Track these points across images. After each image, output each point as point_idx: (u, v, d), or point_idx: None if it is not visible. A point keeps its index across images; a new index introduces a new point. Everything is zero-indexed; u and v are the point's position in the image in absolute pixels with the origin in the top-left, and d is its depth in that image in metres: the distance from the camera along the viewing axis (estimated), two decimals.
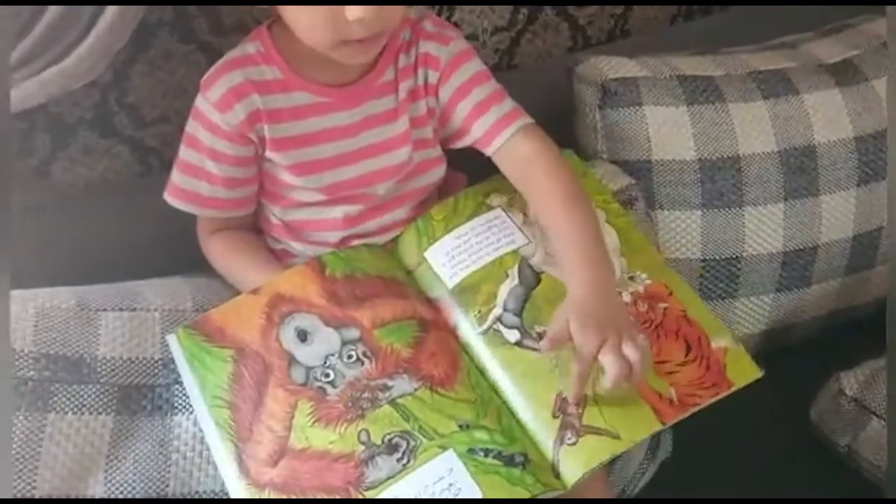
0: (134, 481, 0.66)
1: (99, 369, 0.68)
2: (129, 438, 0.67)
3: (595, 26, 1.20)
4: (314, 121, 0.77)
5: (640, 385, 0.69)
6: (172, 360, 0.70)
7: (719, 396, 0.70)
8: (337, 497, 0.64)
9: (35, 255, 0.82)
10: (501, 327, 0.73)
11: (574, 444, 0.67)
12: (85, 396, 0.66)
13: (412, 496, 0.63)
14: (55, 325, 0.69)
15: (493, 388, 0.71)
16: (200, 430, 0.68)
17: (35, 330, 0.68)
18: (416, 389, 0.69)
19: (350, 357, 0.70)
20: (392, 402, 0.68)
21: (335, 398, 0.68)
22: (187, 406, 0.69)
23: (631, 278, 0.76)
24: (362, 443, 0.66)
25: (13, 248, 0.67)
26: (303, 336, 0.71)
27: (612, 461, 0.81)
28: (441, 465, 0.65)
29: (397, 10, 0.73)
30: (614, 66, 0.93)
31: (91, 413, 0.66)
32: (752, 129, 0.91)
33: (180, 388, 0.69)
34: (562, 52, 1.19)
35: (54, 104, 0.87)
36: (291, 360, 0.70)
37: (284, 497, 0.64)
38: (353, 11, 0.68)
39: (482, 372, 0.72)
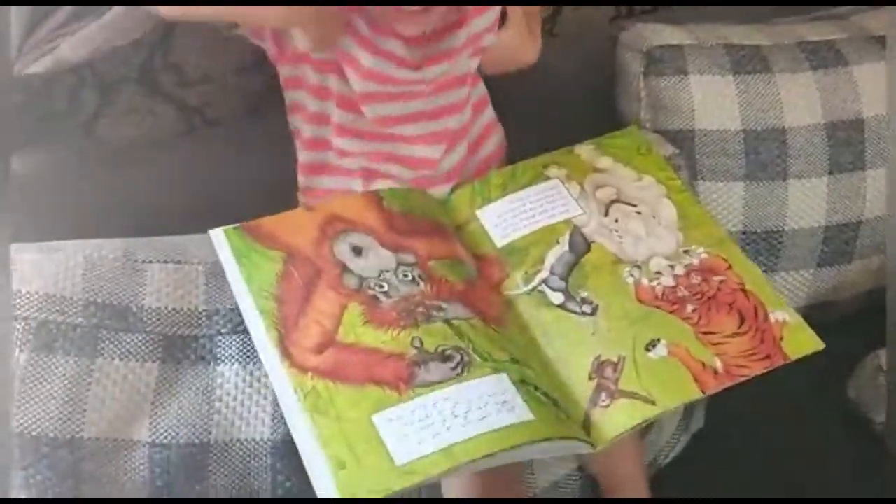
0: (178, 427, 0.67)
1: (145, 318, 0.69)
2: (173, 386, 0.68)
3: None
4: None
5: (682, 353, 0.69)
6: (217, 312, 0.71)
7: (772, 367, 0.70)
8: (386, 390, 0.63)
9: (82, 207, 0.83)
10: (546, 289, 0.74)
11: (607, 406, 0.67)
12: (131, 344, 0.68)
13: (464, 402, 0.62)
14: (103, 274, 0.70)
15: (534, 345, 0.72)
16: (243, 381, 0.69)
17: (84, 278, 0.69)
18: (470, 317, 0.69)
19: (405, 276, 0.70)
20: (447, 321, 0.68)
21: (388, 306, 0.68)
22: (230, 356, 0.70)
23: (686, 251, 0.76)
24: (415, 347, 0.66)
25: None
26: (357, 251, 0.71)
27: (646, 429, 0.82)
28: (496, 383, 0.64)
29: None
30: (660, 34, 0.92)
31: (137, 360, 0.68)
32: (799, 100, 0.90)
33: (223, 339, 0.71)
34: (605, 20, 1.17)
35: (100, 62, 0.88)
36: (344, 269, 0.69)
37: (330, 381, 0.63)
38: None
39: (523, 328, 0.72)
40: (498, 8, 0.83)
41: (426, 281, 0.70)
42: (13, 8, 0.74)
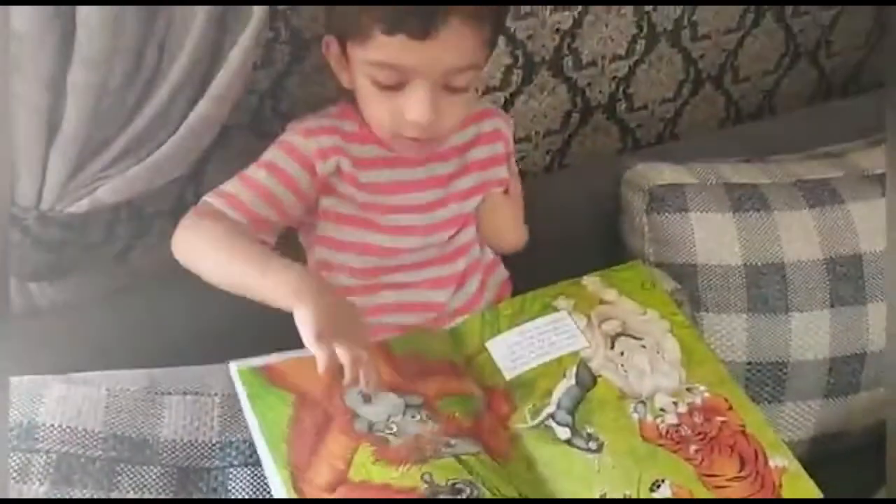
0: None
1: (161, 451, 0.72)
2: None
3: (644, 129, 1.25)
4: (386, 171, 0.84)
5: (686, 495, 0.70)
6: (230, 443, 0.73)
7: None
8: None
9: (112, 337, 0.87)
10: (553, 424, 0.75)
11: None
12: (147, 477, 0.70)
13: None
14: (124, 406, 0.73)
15: (539, 482, 0.72)
16: None
17: (106, 411, 0.72)
18: (478, 452, 0.70)
19: (414, 417, 0.72)
20: (456, 456, 0.69)
21: (398, 445, 0.69)
22: (242, 489, 0.72)
23: (689, 390, 0.77)
24: (426, 482, 0.67)
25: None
26: (367, 399, 0.73)
27: None
28: None
29: (453, 121, 0.80)
30: (661, 173, 0.97)
31: (151, 493, 0.69)
32: (798, 236, 0.93)
33: (235, 471, 0.72)
34: (612, 153, 1.23)
35: (136, 199, 0.95)
36: (354, 415, 0.71)
37: None
38: (411, 113, 0.76)
39: (530, 464, 0.73)
40: (501, 142, 0.89)
41: (435, 420, 0.72)
42: (58, 147, 0.79)
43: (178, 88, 0.80)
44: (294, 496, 0.66)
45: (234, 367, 0.74)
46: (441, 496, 0.65)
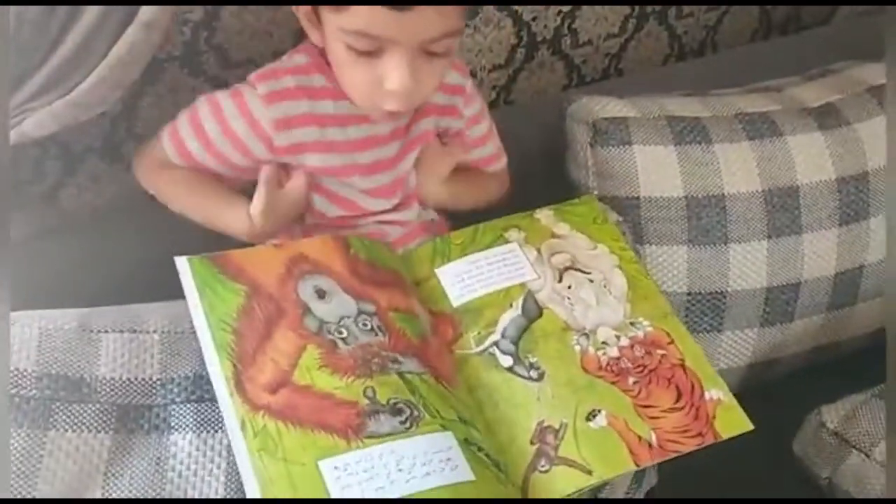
0: (130, 497, 0.67)
1: (98, 389, 0.70)
2: (126, 456, 0.68)
3: (589, 65, 1.25)
4: (353, 128, 0.82)
5: (621, 425, 0.71)
6: (171, 380, 0.72)
7: (703, 445, 0.72)
8: (335, 436, 0.64)
9: (42, 278, 0.84)
10: (497, 351, 0.76)
11: (546, 471, 0.69)
12: (84, 415, 0.68)
13: (410, 457, 0.64)
14: (57, 345, 0.71)
15: (480, 406, 0.73)
16: (197, 449, 0.70)
17: (38, 350, 0.70)
18: (422, 372, 0.70)
19: (365, 325, 0.72)
20: (400, 374, 0.69)
21: (346, 353, 0.69)
22: (184, 426, 0.71)
23: (632, 324, 0.78)
24: (367, 398, 0.67)
25: (13, 273, 0.70)
26: (321, 294, 0.72)
27: (600, 487, 0.84)
28: (442, 440, 0.66)
29: (431, 87, 0.78)
30: (605, 106, 0.96)
31: (90, 431, 0.68)
32: (738, 168, 0.94)
33: (177, 408, 0.71)
34: (557, 89, 1.23)
35: (64, 133, 0.91)
36: (306, 310, 0.71)
37: (281, 422, 0.64)
38: (390, 82, 0.73)
39: (472, 389, 0.74)
40: (460, 96, 0.88)
41: (384, 332, 0.72)
42: None
43: (104, 15, 0.76)
44: (234, 394, 0.66)
45: (182, 259, 0.73)
46: (381, 414, 0.66)
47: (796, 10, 1.41)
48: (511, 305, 0.78)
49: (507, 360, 0.75)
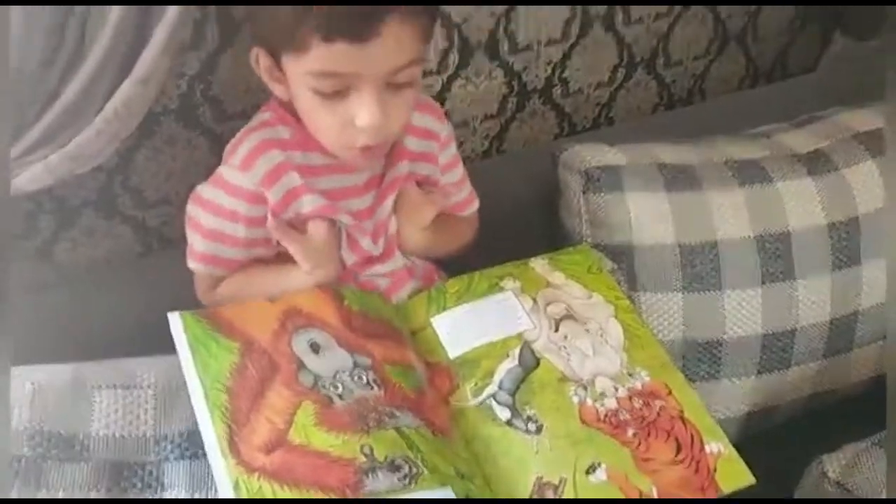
0: None
1: (91, 446, 0.69)
2: None
3: (580, 114, 1.26)
4: (326, 179, 0.81)
5: (621, 479, 0.70)
6: (165, 437, 0.71)
7: (704, 498, 0.72)
8: (332, 496, 0.62)
9: (36, 333, 0.84)
10: (494, 403, 0.75)
11: None
12: (77, 474, 0.67)
13: None
14: (50, 402, 0.70)
15: (477, 459, 0.72)
16: None
17: (31, 407, 0.69)
18: (420, 426, 0.70)
19: (360, 378, 0.71)
20: (398, 429, 0.68)
21: (341, 408, 0.68)
22: (178, 483, 0.70)
23: (630, 374, 0.78)
24: (364, 455, 0.65)
25: (14, 327, 0.69)
26: (315, 348, 0.72)
27: None
28: (441, 496, 0.64)
29: (402, 120, 0.77)
30: (596, 154, 0.97)
31: (82, 490, 0.67)
32: (729, 214, 0.95)
33: (171, 465, 0.70)
34: (549, 138, 1.24)
35: (59, 186, 0.91)
36: (301, 365, 0.70)
37: (276, 483, 0.63)
38: (361, 118, 0.73)
39: (469, 442, 0.73)
40: (434, 141, 0.88)
41: (380, 385, 0.71)
42: None
43: (100, 70, 0.77)
44: (227, 455, 0.64)
45: (175, 315, 0.72)
46: (379, 471, 0.65)
47: (782, 58, 1.44)
48: (508, 356, 0.78)
49: (504, 413, 0.75)
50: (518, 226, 1.01)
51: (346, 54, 0.70)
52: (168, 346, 0.83)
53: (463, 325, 0.80)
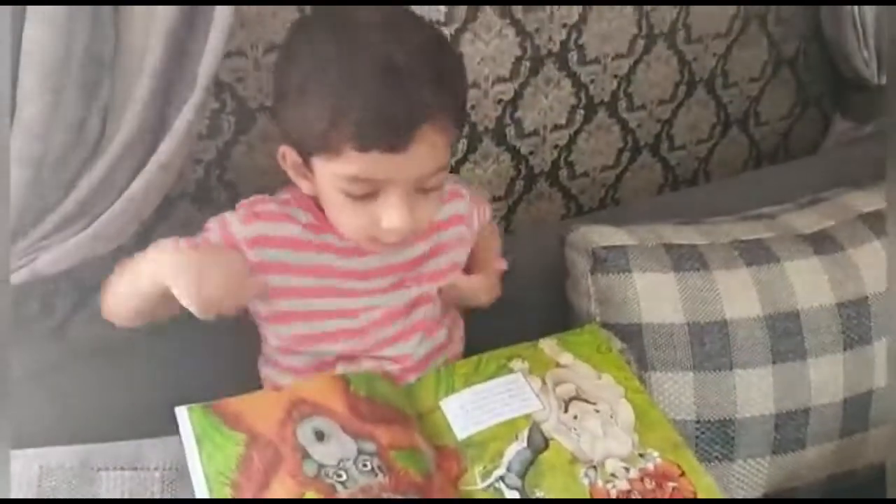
0: None
1: None
2: None
3: (587, 195, 1.29)
4: (340, 259, 0.82)
5: None
6: None
7: None
8: None
9: (46, 414, 0.84)
10: (503, 486, 0.74)
11: None
12: None
13: None
14: (57, 485, 0.70)
15: None
16: None
17: (38, 490, 0.69)
18: None
19: (365, 466, 0.70)
20: None
21: (345, 497, 0.67)
22: None
23: (641, 455, 0.77)
24: None
25: (15, 411, 0.69)
26: (320, 436, 0.71)
27: None
28: None
29: (426, 220, 0.78)
30: (603, 235, 0.99)
31: None
32: (737, 294, 0.95)
33: None
34: (556, 218, 1.26)
35: (75, 268, 0.92)
36: (305, 455, 0.69)
37: None
38: (388, 221, 0.74)
39: None
40: (462, 225, 0.89)
41: (385, 472, 0.71)
42: None
43: (121, 158, 0.80)
44: None
45: (182, 408, 0.72)
46: None
47: (785, 141, 1.47)
48: (516, 438, 0.77)
49: (513, 496, 0.73)
50: (526, 305, 1.01)
51: (378, 162, 0.71)
52: (178, 428, 0.83)
53: (471, 407, 0.80)
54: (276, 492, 0.67)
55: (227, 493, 0.67)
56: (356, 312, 0.84)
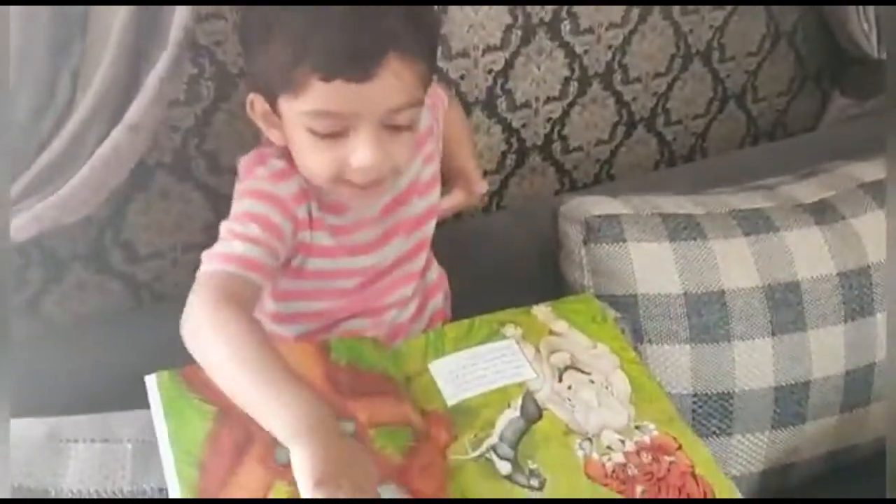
0: None
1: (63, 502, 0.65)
2: None
3: (581, 171, 1.26)
4: (348, 214, 0.80)
5: None
6: (143, 492, 0.67)
7: None
8: None
9: (20, 388, 0.80)
10: (494, 457, 0.71)
11: None
12: None
13: None
14: (23, 456, 0.67)
15: None
16: None
17: (3, 461, 0.66)
18: (404, 500, 0.65)
19: None
20: None
21: None
22: None
23: (637, 427, 0.75)
24: None
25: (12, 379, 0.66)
26: None
27: None
28: None
29: (399, 161, 0.75)
30: (597, 204, 0.96)
31: None
32: (735, 264, 0.92)
33: None
34: (549, 194, 1.23)
35: (49, 238, 0.89)
36: (276, 441, 0.65)
37: None
38: (357, 158, 0.71)
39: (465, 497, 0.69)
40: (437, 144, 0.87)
41: None
42: None
43: (91, 118, 0.77)
44: None
45: (151, 376, 0.69)
46: None
47: (782, 117, 1.44)
48: (509, 406, 0.74)
49: (505, 467, 0.70)
50: (519, 280, 0.99)
51: (344, 93, 0.69)
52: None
53: (462, 372, 0.77)
54: (243, 480, 0.64)
55: (194, 475, 0.63)
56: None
